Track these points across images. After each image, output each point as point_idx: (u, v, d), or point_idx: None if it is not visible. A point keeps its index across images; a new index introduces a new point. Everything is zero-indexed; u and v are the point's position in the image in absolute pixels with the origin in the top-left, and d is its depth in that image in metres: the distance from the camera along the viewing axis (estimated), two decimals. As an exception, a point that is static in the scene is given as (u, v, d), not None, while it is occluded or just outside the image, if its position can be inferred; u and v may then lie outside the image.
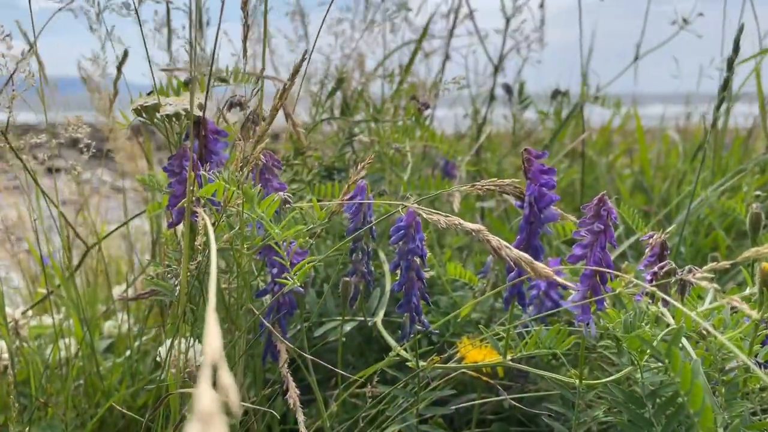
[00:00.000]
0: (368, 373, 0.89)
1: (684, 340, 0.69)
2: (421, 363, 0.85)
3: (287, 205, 0.81)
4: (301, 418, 0.77)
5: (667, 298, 0.62)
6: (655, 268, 0.72)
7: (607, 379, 0.75)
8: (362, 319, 0.98)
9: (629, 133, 2.53)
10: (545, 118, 2.03)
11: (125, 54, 1.16)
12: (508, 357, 0.80)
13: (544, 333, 0.78)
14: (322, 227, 0.85)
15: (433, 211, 0.72)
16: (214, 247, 0.53)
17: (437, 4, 1.95)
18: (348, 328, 0.99)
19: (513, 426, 1.04)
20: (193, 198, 0.73)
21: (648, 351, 0.68)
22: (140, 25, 0.85)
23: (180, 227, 0.88)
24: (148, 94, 0.87)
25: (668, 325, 0.68)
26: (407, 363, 0.86)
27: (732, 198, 1.42)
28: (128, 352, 1.25)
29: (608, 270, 0.72)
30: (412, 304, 0.87)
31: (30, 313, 1.31)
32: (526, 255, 0.63)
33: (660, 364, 0.72)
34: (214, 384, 0.25)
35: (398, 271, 0.86)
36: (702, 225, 1.60)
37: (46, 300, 1.40)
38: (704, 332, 0.67)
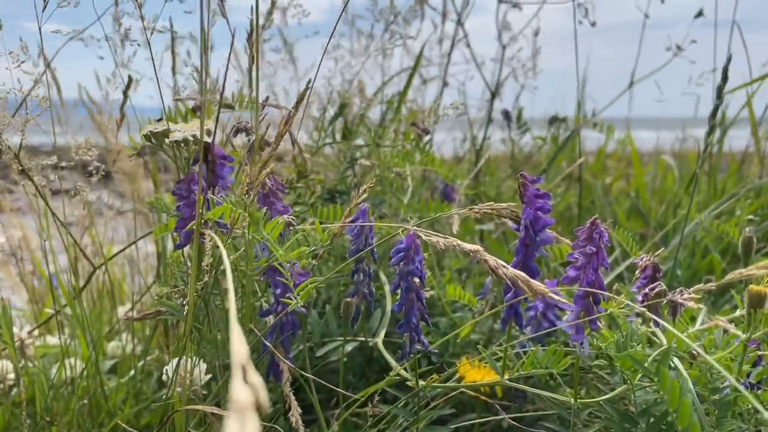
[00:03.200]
0: (369, 393, 0.91)
1: (676, 360, 0.71)
2: (421, 382, 0.86)
3: (291, 228, 0.84)
4: (303, 436, 0.79)
5: (657, 318, 0.64)
6: (646, 290, 0.74)
7: (602, 398, 0.77)
8: (363, 339, 1.00)
9: (625, 158, 2.57)
10: (543, 144, 2.07)
11: (130, 80, 1.20)
12: (506, 377, 0.82)
13: (541, 353, 0.80)
14: (325, 249, 0.88)
15: (433, 233, 0.75)
16: (227, 262, 0.56)
17: (431, 33, 2.00)
18: (349, 348, 1.01)
19: (511, 445, 1.05)
20: (202, 220, 0.76)
21: (639, 370, 0.70)
22: (151, 52, 0.88)
23: (186, 248, 0.91)
24: (158, 120, 0.90)
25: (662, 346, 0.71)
26: (407, 382, 0.88)
27: (728, 221, 1.45)
28: (132, 372, 1.27)
29: (600, 291, 0.74)
30: (412, 325, 0.89)
31: (35, 332, 1.33)
32: (522, 273, 0.65)
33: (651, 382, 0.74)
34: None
35: (398, 292, 0.89)
36: (698, 248, 1.62)
37: (50, 320, 1.42)
38: (695, 353, 0.69)
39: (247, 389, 0.27)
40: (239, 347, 0.31)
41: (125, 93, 1.20)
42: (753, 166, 2.02)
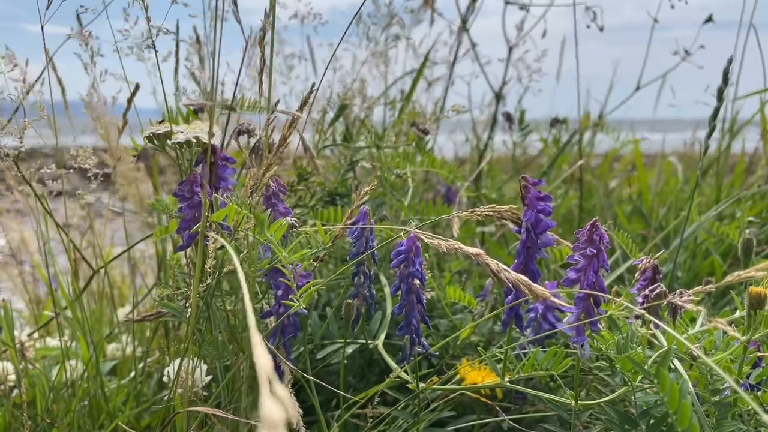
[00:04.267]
0: (369, 395, 0.91)
1: (677, 362, 0.72)
2: (421, 384, 0.86)
3: (293, 230, 0.84)
4: (304, 437, 0.79)
5: (656, 320, 0.65)
6: (646, 291, 0.74)
7: (602, 399, 0.77)
8: (364, 341, 1.00)
9: (631, 160, 2.56)
10: (546, 146, 2.07)
11: (137, 87, 1.20)
12: (507, 379, 0.82)
13: (541, 355, 0.80)
14: (326, 251, 0.88)
15: (434, 235, 0.75)
16: (238, 265, 0.56)
17: (439, 33, 1.99)
18: (350, 350, 1.01)
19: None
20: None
21: (639, 372, 0.70)
22: (156, 57, 0.89)
23: (188, 250, 0.91)
24: (160, 122, 0.90)
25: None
26: (407, 384, 0.88)
27: (730, 224, 1.45)
28: (132, 374, 1.27)
29: (601, 293, 0.74)
30: (413, 327, 0.89)
31: (36, 335, 1.33)
32: (523, 277, 0.65)
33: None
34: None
35: (399, 294, 0.89)
36: (699, 250, 1.62)
37: (50, 322, 1.42)
38: (695, 354, 0.69)
39: (277, 404, 0.26)
40: (263, 360, 0.30)
41: (129, 100, 1.19)
42: (760, 168, 2.02)
